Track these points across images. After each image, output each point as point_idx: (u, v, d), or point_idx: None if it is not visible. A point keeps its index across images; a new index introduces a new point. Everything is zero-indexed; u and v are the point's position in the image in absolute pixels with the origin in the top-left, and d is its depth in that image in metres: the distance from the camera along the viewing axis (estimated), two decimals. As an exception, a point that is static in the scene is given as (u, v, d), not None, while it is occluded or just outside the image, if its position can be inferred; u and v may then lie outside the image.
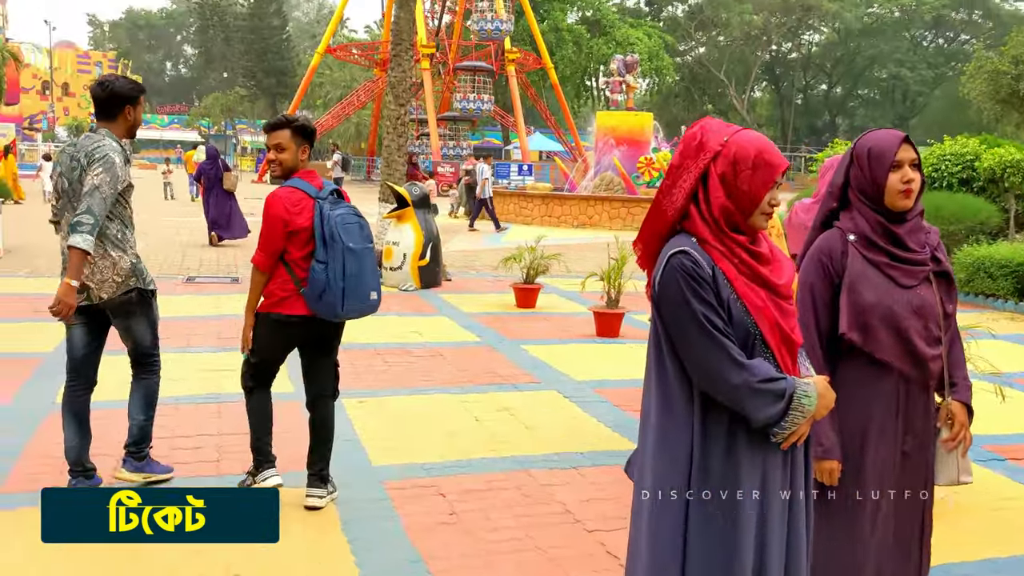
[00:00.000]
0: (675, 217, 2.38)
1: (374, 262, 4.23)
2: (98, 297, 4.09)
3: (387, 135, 12.38)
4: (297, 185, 4.08)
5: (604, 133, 25.09)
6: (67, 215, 4.08)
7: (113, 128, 4.18)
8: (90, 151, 4.02)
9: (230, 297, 10.09)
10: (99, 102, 4.19)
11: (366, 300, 4.09)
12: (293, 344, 4.23)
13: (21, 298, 9.47)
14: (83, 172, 4.01)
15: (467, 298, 10.64)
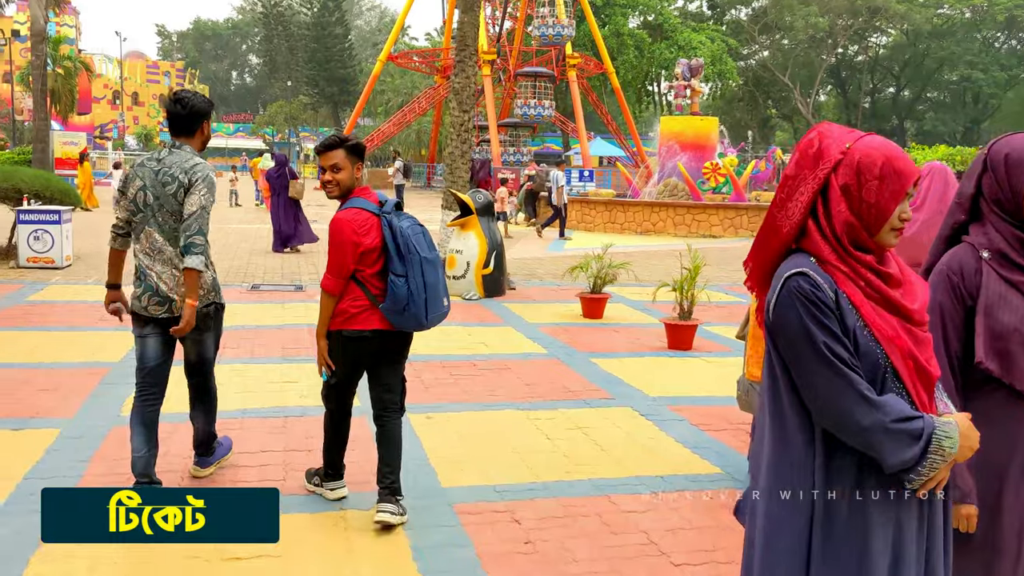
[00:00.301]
0: (791, 234, 2.12)
1: (442, 268, 4.25)
2: (180, 310, 4.12)
3: (450, 142, 12.23)
4: (359, 205, 4.06)
5: (668, 138, 24.68)
6: (148, 229, 4.12)
7: (191, 143, 4.23)
8: (189, 170, 4.08)
9: (294, 306, 10.02)
10: (179, 118, 4.21)
11: (442, 307, 4.11)
12: (368, 360, 4.19)
13: (89, 306, 9.50)
14: (182, 190, 4.07)
15: (532, 308, 10.42)
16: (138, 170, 4.18)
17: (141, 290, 4.14)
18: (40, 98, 26.17)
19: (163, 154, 4.18)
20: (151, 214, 4.10)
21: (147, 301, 4.13)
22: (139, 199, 4.13)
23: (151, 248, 4.12)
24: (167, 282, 4.09)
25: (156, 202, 4.08)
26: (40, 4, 25.41)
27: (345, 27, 76.74)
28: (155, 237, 4.11)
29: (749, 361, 4.40)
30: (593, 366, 7.36)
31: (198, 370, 4.43)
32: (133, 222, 4.17)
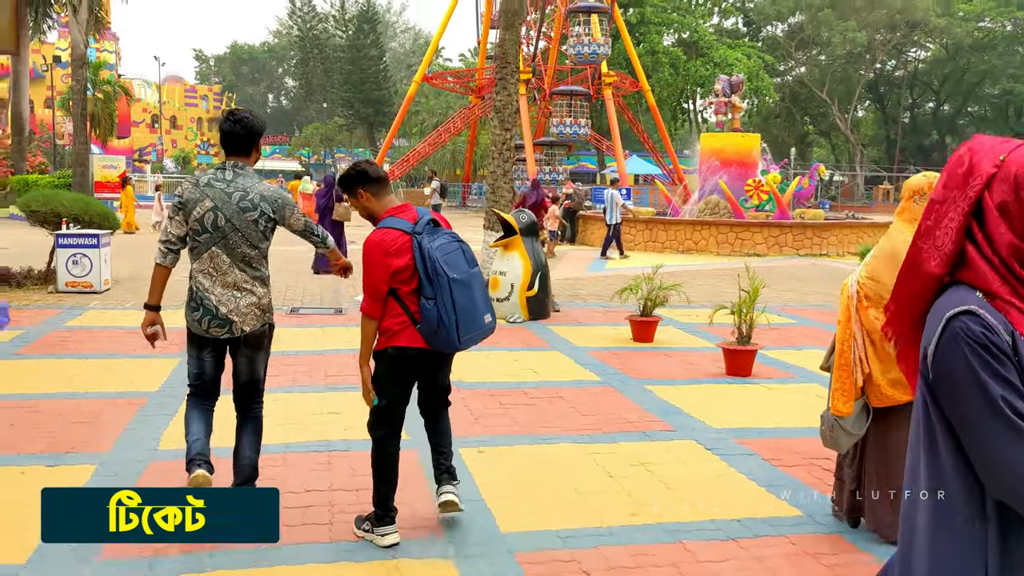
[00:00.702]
0: (942, 267, 1.75)
1: (483, 285, 4.11)
2: (240, 330, 4.15)
3: (492, 160, 11.96)
4: (390, 224, 3.98)
5: (709, 155, 24.28)
6: (215, 250, 4.10)
7: (248, 163, 4.26)
8: (271, 199, 4.18)
9: (335, 330, 9.76)
10: (238, 138, 4.20)
11: (481, 326, 3.99)
12: (415, 376, 4.15)
13: (127, 332, 9.31)
14: (264, 219, 4.15)
15: (579, 331, 10.07)
16: (206, 190, 4.11)
17: (200, 313, 4.13)
18: (80, 122, 26.41)
19: (228, 175, 4.15)
20: (220, 236, 4.07)
21: (207, 324, 4.14)
22: (207, 220, 4.07)
23: (214, 270, 4.10)
24: (227, 304, 4.10)
25: (228, 224, 4.06)
26: (80, 30, 25.68)
27: (380, 49, 77.26)
28: (221, 259, 4.10)
29: (835, 394, 4.03)
30: (649, 394, 7.00)
31: (249, 392, 4.36)
32: (196, 241, 4.11)
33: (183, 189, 4.22)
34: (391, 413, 4.11)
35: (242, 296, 4.13)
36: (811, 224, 21.84)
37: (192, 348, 4.31)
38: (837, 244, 21.58)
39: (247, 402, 4.38)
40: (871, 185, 66.63)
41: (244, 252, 4.13)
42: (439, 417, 4.31)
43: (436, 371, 4.18)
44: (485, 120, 50.65)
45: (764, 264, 19.28)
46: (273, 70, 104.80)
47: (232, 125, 4.17)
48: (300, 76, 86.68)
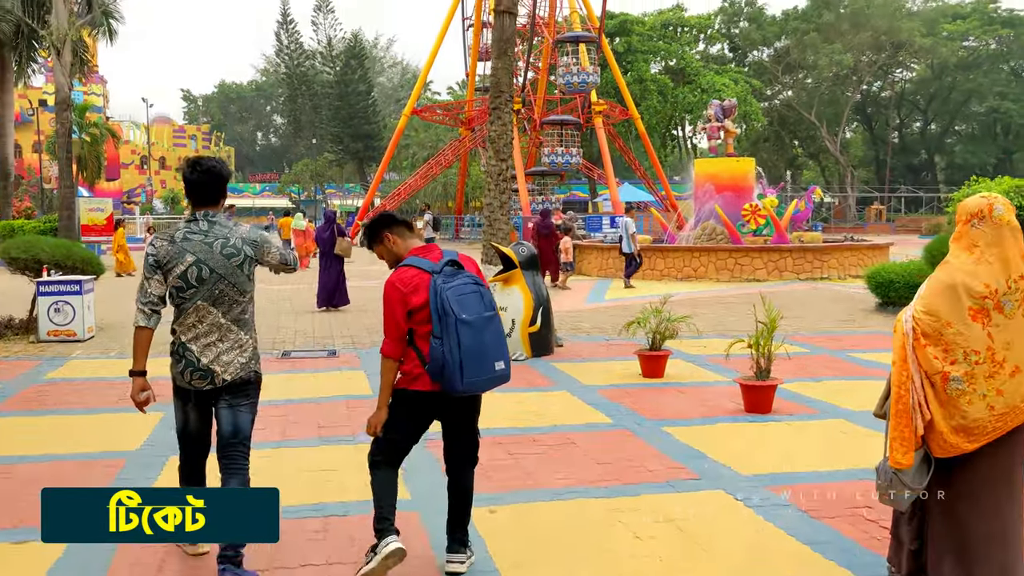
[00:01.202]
0: None
1: (498, 331, 3.99)
2: (222, 380, 4.05)
3: (488, 192, 11.58)
4: (411, 263, 3.98)
5: (704, 180, 23.99)
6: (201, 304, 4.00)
7: (217, 211, 4.14)
8: (251, 241, 4.11)
9: (328, 376, 9.28)
10: (206, 188, 4.09)
11: (490, 372, 3.90)
12: (428, 421, 4.12)
13: (108, 384, 8.83)
14: (248, 262, 4.08)
15: (585, 368, 9.62)
16: (184, 245, 4.00)
17: (183, 365, 4.07)
18: (65, 165, 26.01)
19: (203, 226, 4.06)
20: (207, 289, 4.00)
21: (190, 376, 4.07)
22: (191, 275, 3.98)
23: (199, 322, 4.02)
24: (208, 355, 4.03)
25: (214, 275, 3.99)
26: (64, 72, 25.37)
27: (368, 84, 77.32)
28: (207, 310, 4.02)
29: (892, 444, 3.58)
30: (667, 437, 6.54)
31: (234, 445, 4.13)
32: (181, 298, 4.01)
33: (157, 248, 4.04)
34: (395, 447, 4.10)
35: (224, 344, 4.05)
36: (811, 247, 21.49)
37: (177, 401, 4.23)
38: (838, 267, 21.22)
39: (230, 459, 4.12)
40: (862, 206, 66.59)
41: (232, 299, 4.06)
42: (463, 475, 4.17)
43: (458, 415, 4.08)
44: (476, 152, 50.50)
45: (765, 289, 18.88)
46: (261, 108, 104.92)
47: (199, 175, 4.06)
48: (289, 113, 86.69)
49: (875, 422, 6.89)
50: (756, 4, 66.72)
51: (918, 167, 79.45)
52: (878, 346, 10.92)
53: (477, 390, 3.91)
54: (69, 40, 25.28)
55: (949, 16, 67.14)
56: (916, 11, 67.66)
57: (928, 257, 13.64)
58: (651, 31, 57.66)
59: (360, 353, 10.86)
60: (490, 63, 46.26)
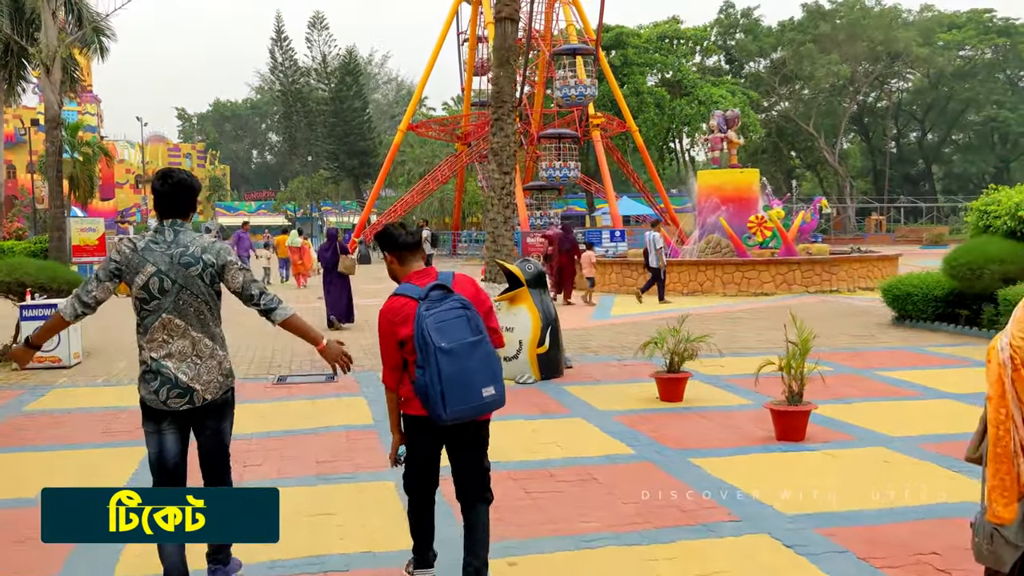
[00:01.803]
0: None
1: (485, 355, 3.80)
2: (202, 399, 3.89)
3: (492, 207, 11.07)
4: (401, 291, 3.91)
5: (707, 192, 23.52)
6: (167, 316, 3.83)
7: (187, 222, 4.02)
8: (213, 250, 3.92)
9: (327, 403, 8.74)
10: (175, 199, 3.96)
11: (477, 399, 3.74)
12: (438, 440, 4.00)
13: (93, 416, 8.29)
14: (209, 271, 3.89)
15: (597, 391, 9.09)
16: (145, 254, 3.85)
17: (157, 383, 3.84)
18: (56, 185, 25.43)
19: (168, 235, 3.90)
20: (170, 300, 3.84)
21: (167, 395, 3.84)
22: (152, 286, 3.83)
23: (169, 336, 3.84)
24: (186, 372, 3.84)
25: (175, 286, 3.83)
26: (54, 90, 24.84)
27: (363, 100, 77.00)
28: (175, 324, 3.85)
29: (991, 495, 3.06)
30: (696, 470, 6.01)
31: (218, 462, 4.10)
32: (145, 310, 3.85)
33: (119, 252, 3.89)
34: (415, 472, 4.06)
35: (203, 362, 3.89)
36: (820, 260, 20.99)
37: (149, 424, 3.93)
38: (847, 279, 20.72)
39: (216, 472, 4.09)
40: (861, 217, 66.19)
41: (198, 310, 3.89)
42: (475, 512, 3.99)
43: (459, 442, 3.96)
44: (472, 167, 50.10)
45: (774, 303, 18.39)
46: (256, 126, 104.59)
47: (169, 187, 3.94)
48: (284, 130, 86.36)
49: (919, 450, 6.37)
50: (752, 15, 66.51)
51: (915, 177, 79.16)
52: (904, 363, 10.42)
53: (465, 418, 3.76)
54: (59, 57, 24.76)
55: (945, 25, 67.02)
56: (912, 21, 67.49)
57: (948, 269, 13.13)
58: (647, 43, 57.36)
59: (359, 377, 10.33)
60: (486, 77, 45.66)
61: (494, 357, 3.84)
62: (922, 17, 68.78)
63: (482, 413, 3.82)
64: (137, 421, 4.00)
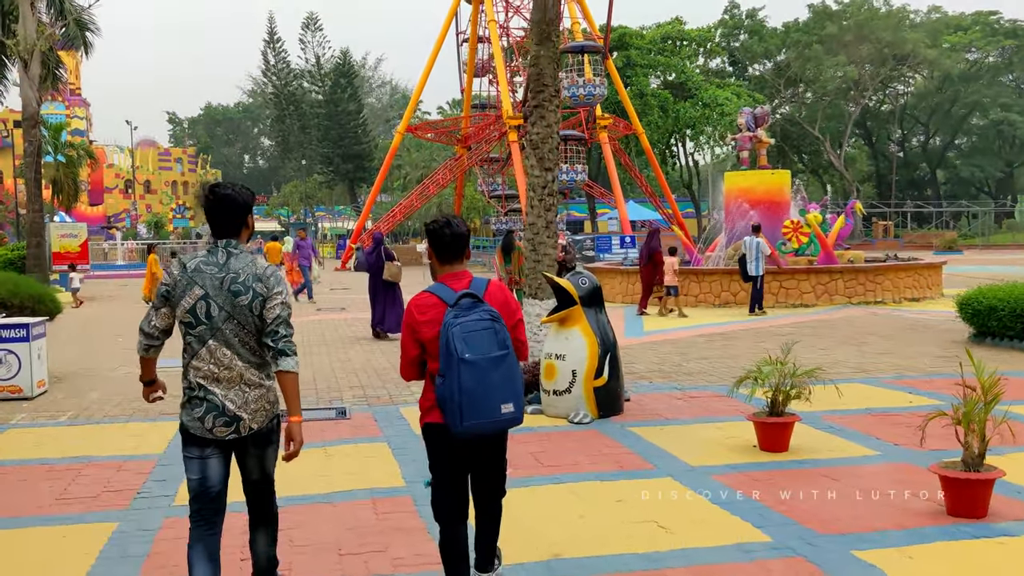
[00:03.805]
0: None
1: (509, 370, 3.68)
2: (248, 428, 3.70)
3: (531, 210, 9.40)
4: (432, 290, 3.84)
5: (736, 195, 21.90)
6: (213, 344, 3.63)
7: (241, 241, 3.76)
8: (263, 277, 3.69)
9: (343, 453, 7.01)
10: (224, 217, 3.72)
11: (495, 415, 3.66)
12: (460, 453, 3.86)
13: (48, 471, 6.55)
14: (259, 301, 3.66)
15: (673, 435, 7.39)
16: (195, 276, 3.64)
17: (203, 410, 3.64)
18: (34, 187, 23.73)
19: (220, 258, 3.68)
20: (216, 327, 3.63)
21: (212, 423, 3.65)
22: (199, 310, 3.63)
23: (216, 364, 3.64)
24: (234, 400, 3.65)
25: (223, 313, 3.62)
26: (32, 86, 23.14)
27: (358, 103, 75.37)
28: (222, 352, 3.64)
29: None
30: (872, 571, 4.31)
31: (262, 490, 3.91)
32: (191, 335, 3.65)
33: (168, 274, 3.71)
34: (443, 494, 3.93)
35: (251, 390, 3.70)
36: (863, 268, 19.35)
37: (192, 449, 3.74)
38: (892, 289, 19.08)
39: (260, 501, 3.93)
40: (867, 222, 64.73)
41: (244, 340, 3.67)
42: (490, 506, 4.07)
43: (479, 449, 3.92)
44: (472, 171, 48.46)
45: (819, 317, 16.75)
46: (248, 130, 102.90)
47: (212, 203, 3.73)
48: (277, 134, 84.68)
49: None
50: (757, 16, 65.07)
51: (920, 182, 77.81)
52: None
53: (479, 433, 3.72)
54: (38, 51, 23.07)
55: (951, 27, 65.69)
56: (919, 22, 66.15)
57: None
58: (650, 45, 55.87)
59: (375, 413, 8.63)
60: (487, 78, 43.70)
61: (517, 373, 3.75)
62: (929, 18, 67.43)
63: (498, 429, 3.78)
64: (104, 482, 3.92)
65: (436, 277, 3.93)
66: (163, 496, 5.87)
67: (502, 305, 3.84)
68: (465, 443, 3.79)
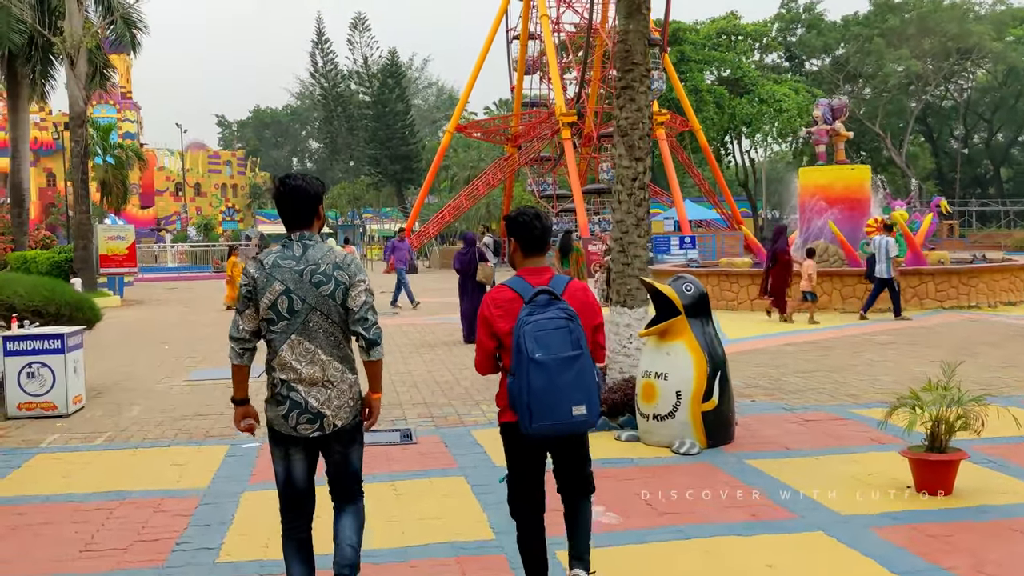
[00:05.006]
0: None
1: (582, 371, 3.59)
2: (332, 425, 3.65)
3: (618, 206, 8.29)
4: (510, 284, 3.80)
5: (812, 193, 20.54)
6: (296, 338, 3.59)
7: (314, 232, 3.73)
8: (343, 263, 3.65)
9: (412, 490, 5.95)
10: (296, 208, 3.68)
11: (565, 417, 3.57)
12: (537, 450, 3.84)
13: (76, 510, 5.59)
14: (341, 290, 3.63)
15: (803, 469, 6.23)
16: (273, 272, 3.59)
17: (286, 408, 3.61)
18: (81, 188, 23.17)
19: (296, 250, 3.63)
20: (300, 321, 3.59)
21: (296, 420, 3.62)
22: (281, 305, 3.59)
23: (298, 360, 3.60)
24: (316, 397, 3.61)
25: (306, 306, 3.59)
26: (79, 84, 22.56)
27: (405, 103, 74.76)
28: (305, 347, 3.60)
29: None
30: None
31: (348, 487, 3.82)
32: (273, 332, 3.61)
33: (248, 275, 3.62)
34: (519, 490, 3.89)
35: (334, 387, 3.62)
36: (955, 270, 17.89)
37: (277, 449, 3.71)
38: (987, 293, 17.61)
39: (346, 493, 3.82)
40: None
41: (328, 332, 3.62)
42: (576, 507, 3.94)
43: (557, 455, 3.89)
44: (522, 171, 47.42)
45: (915, 324, 15.36)
46: (296, 133, 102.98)
47: (283, 193, 3.66)
48: (324, 136, 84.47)
49: None
50: (815, 10, 63.13)
51: (983, 179, 75.12)
52: None
53: (549, 435, 3.62)
54: (84, 48, 22.49)
55: (1017, 20, 63.15)
56: (984, 15, 63.71)
57: None
58: (705, 40, 54.42)
59: (444, 436, 7.60)
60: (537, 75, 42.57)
61: (590, 374, 3.62)
62: (994, 10, 64.92)
63: (569, 432, 3.68)
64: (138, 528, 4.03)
65: (517, 270, 3.86)
66: (205, 549, 4.87)
67: (583, 306, 3.73)
68: (539, 443, 3.76)
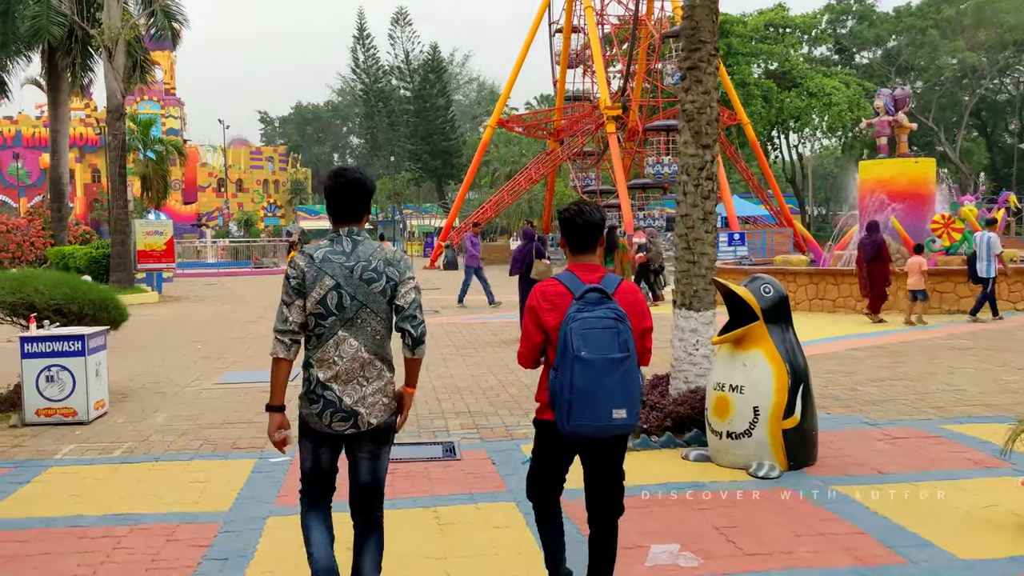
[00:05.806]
0: None
1: (627, 375, 3.49)
2: (366, 423, 3.61)
3: (684, 198, 7.51)
4: (562, 279, 3.72)
5: (872, 187, 19.52)
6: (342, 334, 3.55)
7: (361, 227, 3.70)
8: (393, 259, 3.63)
9: (459, 514, 5.25)
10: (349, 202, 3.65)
11: (605, 419, 3.48)
12: (568, 451, 3.78)
13: (79, 539, 4.97)
14: (390, 286, 3.61)
15: (902, 498, 5.43)
16: (323, 266, 3.55)
17: (320, 406, 3.58)
18: (119, 183, 22.83)
19: (347, 246, 3.60)
20: (347, 317, 3.55)
21: (330, 418, 3.58)
22: (330, 301, 3.54)
23: (339, 356, 3.55)
24: (351, 395, 3.56)
25: (355, 303, 3.55)
26: (117, 77, 22.21)
27: (447, 99, 74.20)
28: (349, 343, 3.56)
29: None
30: None
31: (371, 497, 3.73)
32: (321, 326, 3.55)
33: (298, 268, 3.55)
34: (540, 480, 3.86)
35: (369, 384, 3.59)
36: (1036, 267, 16.84)
37: (307, 443, 3.69)
38: (1064, 293, 16.53)
39: (368, 507, 3.72)
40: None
41: (374, 330, 3.59)
42: (604, 528, 3.78)
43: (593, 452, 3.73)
44: (564, 166, 46.60)
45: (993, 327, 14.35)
46: (338, 129, 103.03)
47: (340, 187, 3.63)
48: (365, 131, 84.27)
49: None
50: (866, 1, 61.46)
51: (1038, 175, 72.77)
52: None
53: (585, 435, 3.56)
54: (122, 40, 22.12)
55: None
56: (1044, 4, 61.55)
57: None
58: (752, 32, 53.13)
59: (491, 451, 6.89)
60: (579, 69, 41.75)
61: (635, 378, 3.53)
62: (1054, 0, 62.71)
63: (607, 435, 3.59)
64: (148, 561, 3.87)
65: (566, 268, 3.81)
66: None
67: (632, 307, 3.64)
68: (573, 445, 3.70)
